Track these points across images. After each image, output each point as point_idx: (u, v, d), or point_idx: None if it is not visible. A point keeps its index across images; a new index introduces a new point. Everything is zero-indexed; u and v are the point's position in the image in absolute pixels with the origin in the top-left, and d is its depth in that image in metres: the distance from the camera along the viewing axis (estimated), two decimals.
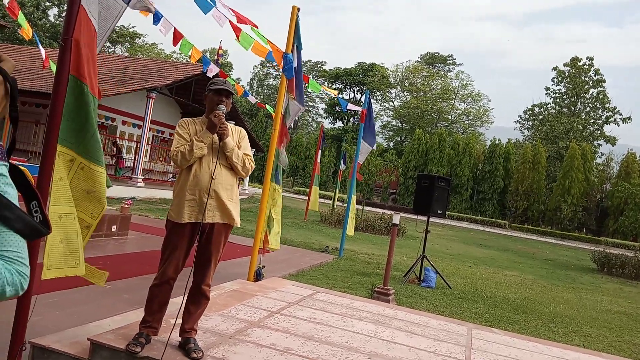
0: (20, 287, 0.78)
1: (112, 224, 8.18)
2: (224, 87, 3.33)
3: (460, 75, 62.12)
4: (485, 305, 7.63)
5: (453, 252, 16.64)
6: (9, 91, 0.87)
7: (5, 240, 0.78)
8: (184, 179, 3.28)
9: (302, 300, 5.33)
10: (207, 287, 3.36)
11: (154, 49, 57.51)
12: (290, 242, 11.37)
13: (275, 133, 6.28)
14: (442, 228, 27.20)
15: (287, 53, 6.19)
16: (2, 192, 0.80)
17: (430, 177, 9.16)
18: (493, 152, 41.62)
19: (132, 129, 20.10)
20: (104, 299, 4.83)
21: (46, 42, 40.34)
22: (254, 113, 56.18)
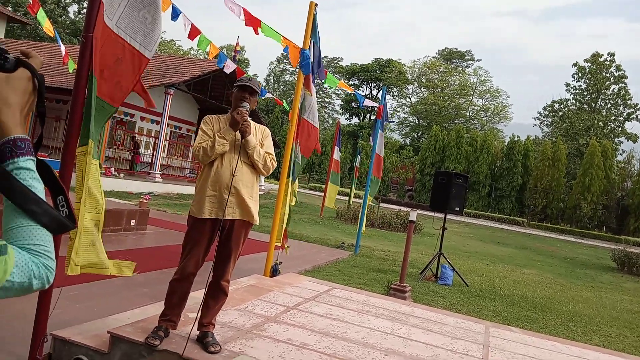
0: (46, 280, 0.79)
1: (131, 218, 8.28)
2: (249, 84, 3.35)
3: (479, 71, 61.50)
4: (503, 304, 7.56)
5: (470, 250, 16.50)
6: (36, 87, 0.88)
7: (32, 234, 0.79)
8: (206, 175, 3.30)
9: (318, 296, 5.34)
10: (227, 283, 3.38)
11: (172, 46, 58.01)
12: (306, 239, 11.39)
13: (292, 129, 6.28)
14: (459, 225, 27.00)
15: (304, 49, 6.18)
16: (29, 186, 0.81)
17: (448, 173, 9.09)
18: (511, 149, 41.14)
19: (150, 124, 20.31)
20: (123, 292, 4.89)
21: (66, 38, 40.90)
22: (271, 109, 56.34)
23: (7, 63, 0.86)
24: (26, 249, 0.79)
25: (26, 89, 0.87)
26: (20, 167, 0.83)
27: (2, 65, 0.85)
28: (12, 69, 0.86)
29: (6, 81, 0.84)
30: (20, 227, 0.80)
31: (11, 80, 0.85)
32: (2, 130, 0.83)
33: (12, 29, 36.37)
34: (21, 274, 0.75)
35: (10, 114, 0.84)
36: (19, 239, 0.79)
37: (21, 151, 0.83)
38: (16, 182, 0.81)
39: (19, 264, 0.75)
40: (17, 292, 0.76)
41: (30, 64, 0.88)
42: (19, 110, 0.85)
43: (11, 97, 0.84)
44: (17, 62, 0.87)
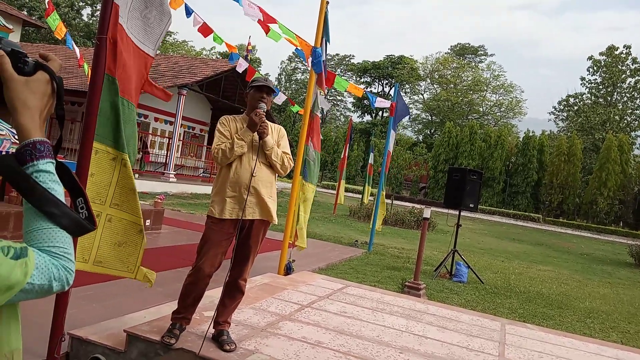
0: (66, 282, 0.80)
1: (146, 218, 8.36)
2: (265, 83, 3.36)
3: (492, 66, 60.88)
4: (519, 301, 7.50)
5: (485, 247, 16.38)
6: (55, 90, 0.89)
7: (52, 237, 0.80)
8: (224, 176, 3.32)
9: (333, 294, 5.34)
10: (244, 282, 3.40)
11: (185, 46, 58.33)
12: (320, 237, 11.40)
13: (304, 128, 6.29)
14: (473, 222, 26.81)
15: (316, 47, 6.18)
16: (49, 188, 0.82)
17: (462, 170, 9.03)
18: (526, 145, 40.69)
19: (164, 125, 20.46)
20: (139, 291, 4.94)
21: (80, 41, 41.34)
22: (282, 108, 56.37)
23: (26, 66, 0.87)
24: (46, 251, 0.80)
25: (45, 92, 0.88)
26: (40, 169, 0.84)
27: (22, 68, 0.86)
28: (32, 72, 0.87)
29: (26, 84, 0.85)
30: (40, 230, 0.81)
31: (30, 84, 0.86)
32: (22, 133, 0.85)
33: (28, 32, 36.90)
34: (41, 276, 0.76)
35: (29, 116, 0.85)
36: (39, 241, 0.80)
37: (41, 154, 0.84)
38: (36, 185, 0.82)
39: (39, 267, 0.76)
40: (37, 294, 0.77)
41: (49, 67, 0.89)
42: (39, 113, 0.87)
43: (30, 100, 0.85)
44: (36, 65, 0.88)
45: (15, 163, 0.83)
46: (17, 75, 0.85)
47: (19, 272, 0.72)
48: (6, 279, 0.70)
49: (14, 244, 0.75)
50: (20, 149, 0.84)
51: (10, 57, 0.86)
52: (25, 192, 0.82)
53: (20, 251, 0.74)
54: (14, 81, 0.84)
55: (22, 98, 0.85)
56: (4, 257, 0.71)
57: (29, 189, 0.82)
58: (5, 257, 0.71)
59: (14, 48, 0.87)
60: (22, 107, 0.84)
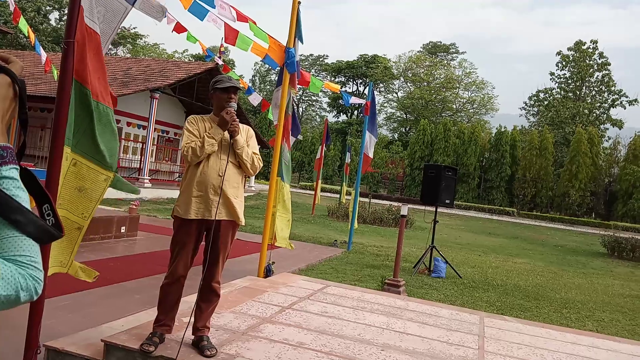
0: (34, 291, 0.78)
1: (121, 225, 8.21)
2: (231, 84, 3.33)
3: (464, 64, 61.74)
4: (497, 294, 7.61)
5: (462, 242, 16.60)
6: (17, 93, 0.86)
7: (18, 245, 0.78)
8: (191, 175, 3.28)
9: (313, 294, 5.33)
10: (217, 284, 3.37)
11: (156, 49, 57.53)
12: (299, 237, 11.38)
13: (280, 128, 6.27)
14: (450, 218, 27.13)
15: (289, 47, 6.17)
16: (13, 195, 0.79)
17: (437, 167, 9.13)
18: (499, 140, 41.36)
19: (137, 130, 20.14)
20: (116, 300, 4.85)
21: (48, 46, 40.42)
22: (258, 110, 56.13)
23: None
24: (12, 261, 0.77)
25: (6, 96, 0.85)
26: (3, 176, 0.81)
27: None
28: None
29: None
30: (5, 238, 0.78)
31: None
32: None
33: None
34: (7, 286, 0.74)
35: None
36: (4, 250, 0.78)
37: (4, 160, 0.81)
38: (0, 192, 0.79)
39: (4, 277, 0.74)
40: (3, 305, 0.74)
41: (10, 70, 0.86)
42: (0, 118, 0.84)
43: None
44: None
45: None
46: None
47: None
48: None
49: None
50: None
51: None
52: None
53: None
54: None
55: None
56: None
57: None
58: None
59: None
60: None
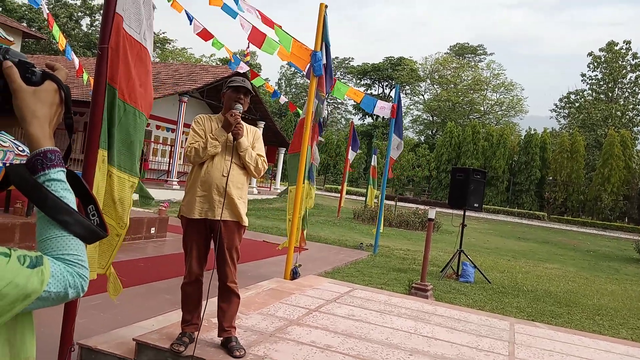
0: (81, 289, 0.81)
1: (151, 226, 8.36)
2: (242, 84, 3.35)
3: (492, 65, 60.83)
4: (527, 299, 7.47)
5: (490, 246, 16.34)
6: (63, 99, 0.89)
7: (66, 244, 0.81)
8: (196, 175, 3.32)
9: (340, 297, 5.32)
10: (233, 284, 3.36)
11: (184, 54, 58.49)
12: (325, 240, 11.38)
13: (306, 131, 6.29)
14: (478, 222, 26.75)
15: (316, 51, 6.19)
16: (61, 197, 0.82)
17: (465, 170, 9.02)
18: (529, 143, 40.63)
19: (166, 132, 20.49)
20: (147, 300, 4.93)
21: (80, 51, 41.52)
22: (283, 112, 56.48)
23: (34, 76, 0.87)
24: (61, 259, 0.80)
25: (53, 101, 0.88)
26: (51, 178, 0.84)
27: (30, 78, 0.86)
28: (39, 82, 0.87)
29: (34, 94, 0.86)
30: (54, 238, 0.82)
31: (38, 93, 0.86)
32: (32, 143, 0.85)
33: (28, 44, 37.07)
34: (57, 284, 0.77)
35: (39, 126, 0.85)
36: (53, 249, 0.81)
37: (52, 163, 0.85)
38: (48, 194, 0.82)
39: (55, 274, 0.77)
40: (53, 301, 0.77)
41: (56, 77, 0.89)
42: (48, 122, 0.87)
43: (39, 110, 0.85)
44: (43, 75, 0.89)
45: (27, 173, 0.83)
46: (26, 85, 0.85)
47: (35, 281, 0.73)
48: (23, 288, 0.71)
49: (29, 252, 0.76)
50: (31, 158, 0.84)
51: (18, 68, 0.86)
52: (38, 202, 0.82)
53: (35, 260, 0.75)
54: (23, 91, 0.85)
55: (31, 108, 0.85)
56: (20, 266, 0.72)
57: (41, 198, 0.82)
58: (21, 266, 0.72)
59: (21, 59, 0.88)
60: (31, 116, 0.85)
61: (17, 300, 0.71)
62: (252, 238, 9.80)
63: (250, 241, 9.28)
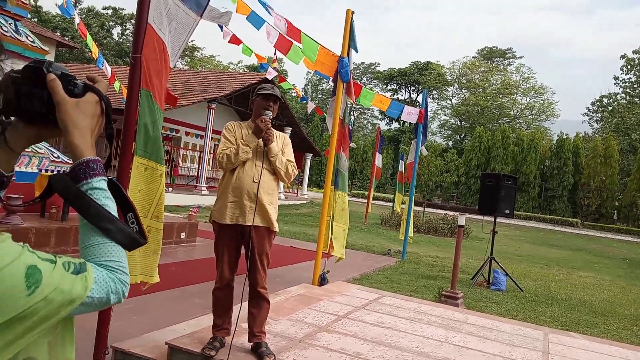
0: (122, 294, 0.82)
1: (181, 231, 8.48)
2: (272, 92, 3.39)
3: (521, 69, 59.85)
4: (561, 309, 7.27)
5: (522, 254, 16.00)
6: (104, 110, 0.91)
7: (108, 251, 0.83)
8: (227, 181, 3.36)
9: (369, 304, 5.29)
10: (263, 290, 3.38)
11: (212, 61, 59.38)
12: (352, 246, 11.34)
13: (333, 137, 6.29)
14: (508, 228, 26.25)
15: (343, 57, 6.19)
16: (103, 205, 0.84)
17: (496, 175, 8.86)
18: (561, 147, 39.73)
19: (195, 139, 20.81)
20: (178, 304, 5.00)
21: (112, 59, 42.60)
22: (310, 118, 56.69)
23: (76, 88, 0.89)
24: (103, 266, 0.82)
25: (95, 112, 0.90)
26: (94, 187, 0.86)
27: (72, 90, 0.89)
28: (81, 93, 0.90)
29: (76, 106, 0.88)
30: (97, 245, 0.84)
31: (81, 105, 0.88)
32: (75, 153, 0.87)
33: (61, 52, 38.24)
34: (100, 289, 0.79)
35: (81, 136, 0.87)
36: (96, 256, 0.83)
37: (94, 172, 0.87)
38: (91, 202, 0.84)
39: (97, 280, 0.79)
40: (96, 307, 0.79)
41: (97, 88, 0.91)
42: (90, 133, 0.89)
43: (82, 121, 0.88)
44: (85, 87, 0.91)
45: (71, 182, 0.85)
46: (68, 97, 0.87)
47: (79, 287, 0.75)
48: (68, 293, 0.73)
49: (73, 259, 0.78)
50: (74, 167, 0.86)
51: (61, 80, 0.88)
52: (81, 210, 0.84)
53: (79, 266, 0.77)
54: (66, 103, 0.87)
55: (73, 119, 0.87)
56: (65, 272, 0.73)
57: (84, 206, 0.84)
58: (66, 272, 0.74)
59: (63, 71, 0.90)
60: (74, 127, 0.87)
61: (62, 305, 0.72)
62: (280, 243, 9.83)
63: (278, 247, 9.32)
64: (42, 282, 0.69)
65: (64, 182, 0.86)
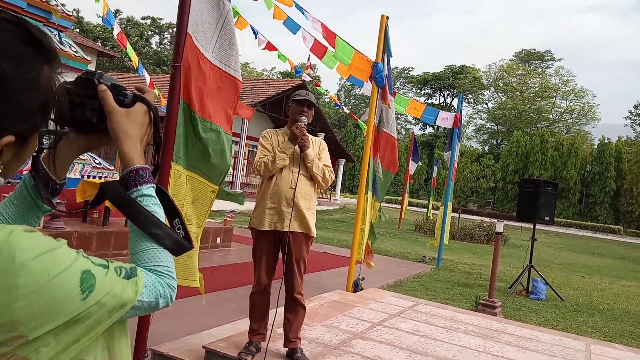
0: (170, 299, 0.85)
1: (217, 236, 8.61)
2: (307, 97, 3.41)
3: (560, 71, 58.30)
4: (603, 319, 7.02)
5: (562, 262, 15.54)
6: (152, 119, 0.94)
7: (157, 257, 0.85)
8: (265, 188, 3.40)
9: (404, 311, 5.23)
10: (300, 295, 3.40)
11: (246, 68, 60.20)
12: (386, 252, 11.25)
13: (368, 143, 6.27)
14: (548, 235, 25.54)
15: (377, 62, 6.18)
16: (152, 212, 0.87)
17: (535, 181, 8.64)
18: (602, 152, 38.48)
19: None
20: (214, 308, 5.06)
21: (150, 68, 43.71)
22: (343, 123, 56.75)
23: (126, 99, 0.92)
24: (152, 271, 0.84)
25: (144, 122, 0.93)
26: (143, 194, 0.89)
27: (122, 101, 0.92)
28: (131, 104, 0.93)
29: (126, 115, 0.91)
30: (146, 250, 0.86)
31: (131, 114, 0.91)
32: (125, 161, 0.90)
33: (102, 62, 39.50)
34: (149, 294, 0.81)
35: (131, 145, 0.90)
36: (145, 261, 0.85)
37: (143, 179, 0.89)
38: (141, 209, 0.87)
39: (147, 285, 0.81)
40: (145, 310, 0.81)
41: (145, 98, 0.94)
42: (139, 142, 0.92)
43: (132, 130, 0.91)
44: (134, 97, 0.94)
45: (122, 189, 0.88)
46: (119, 107, 0.90)
47: (130, 291, 0.77)
48: (120, 298, 0.75)
49: (125, 264, 0.80)
50: (125, 175, 0.89)
51: (111, 91, 0.91)
52: (131, 216, 0.87)
53: (130, 271, 0.79)
54: (116, 113, 0.90)
55: (124, 128, 0.90)
56: (117, 277, 0.76)
57: (134, 213, 0.87)
58: (118, 277, 0.76)
59: (113, 82, 0.93)
60: (124, 136, 0.90)
61: (114, 309, 0.75)
62: (313, 249, 9.81)
63: (311, 252, 9.29)
64: (95, 286, 0.71)
65: (115, 190, 0.89)
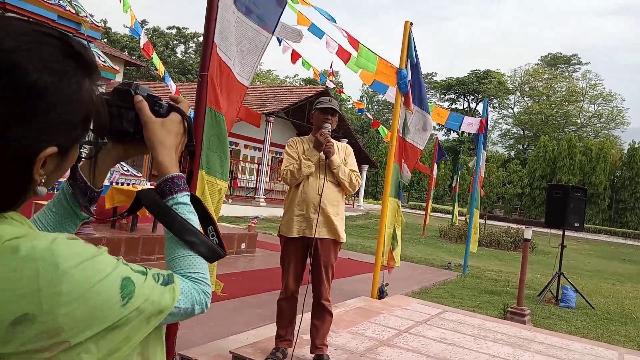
0: (205, 305, 0.86)
1: (241, 241, 8.68)
2: (330, 105, 3.43)
3: (588, 75, 57.09)
4: (636, 328, 6.82)
5: (592, 269, 15.17)
6: (186, 129, 0.96)
7: (192, 263, 0.87)
8: (293, 195, 3.42)
9: (430, 319, 5.18)
10: (327, 302, 3.40)
11: (270, 75, 60.68)
12: (411, 259, 11.16)
13: (392, 149, 6.25)
14: (577, 242, 24.97)
15: (401, 68, 6.16)
16: (187, 219, 0.89)
17: (564, 187, 8.48)
18: (632, 157, 37.47)
19: (253, 151, 21.28)
20: (239, 314, 5.09)
21: (175, 77, 44.44)
22: (365, 129, 56.64)
23: (161, 109, 0.95)
24: (187, 277, 0.86)
25: (178, 131, 0.95)
26: (179, 202, 0.91)
27: (157, 111, 0.94)
28: (166, 113, 0.95)
29: (162, 125, 0.93)
30: (182, 257, 0.88)
31: (166, 124, 0.93)
32: (161, 169, 0.92)
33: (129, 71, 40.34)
34: (186, 300, 0.82)
35: (167, 154, 0.92)
36: (181, 267, 0.87)
37: (179, 188, 0.91)
38: (177, 216, 0.89)
39: (184, 292, 0.82)
40: (181, 317, 0.83)
41: (180, 108, 0.97)
42: (174, 151, 0.94)
43: (167, 139, 0.93)
44: (169, 107, 0.96)
45: (158, 197, 0.90)
46: (154, 117, 0.93)
47: (168, 297, 0.78)
48: (157, 304, 0.76)
49: (162, 271, 0.82)
50: (161, 183, 0.91)
51: (147, 101, 0.93)
52: (167, 223, 0.89)
53: (168, 278, 0.80)
54: (152, 123, 0.92)
55: (159, 138, 0.92)
56: (155, 284, 0.77)
57: (170, 220, 0.88)
58: (156, 284, 0.77)
59: (149, 93, 0.95)
60: (160, 146, 0.92)
61: (152, 315, 0.76)
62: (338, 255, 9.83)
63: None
64: (135, 293, 0.73)
65: (151, 197, 0.91)
